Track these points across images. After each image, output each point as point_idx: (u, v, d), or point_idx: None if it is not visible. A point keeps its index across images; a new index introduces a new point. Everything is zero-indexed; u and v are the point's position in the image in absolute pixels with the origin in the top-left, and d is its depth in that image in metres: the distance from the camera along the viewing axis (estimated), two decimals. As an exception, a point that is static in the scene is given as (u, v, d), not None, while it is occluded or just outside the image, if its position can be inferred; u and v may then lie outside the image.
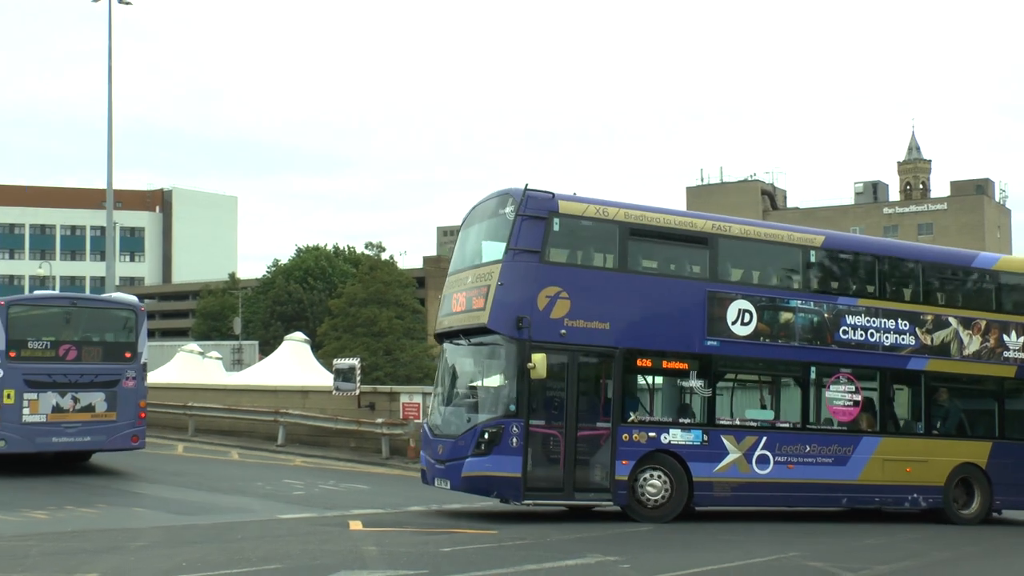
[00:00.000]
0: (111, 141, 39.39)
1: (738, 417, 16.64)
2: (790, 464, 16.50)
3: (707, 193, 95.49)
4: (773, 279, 17.56)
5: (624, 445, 15.40)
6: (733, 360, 16.73)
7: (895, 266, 18.50)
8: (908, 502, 17.46)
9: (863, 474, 17.04)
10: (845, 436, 17.07)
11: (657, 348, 16.10)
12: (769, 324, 16.73)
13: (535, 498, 15.26)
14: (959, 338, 18.06)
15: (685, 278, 16.74)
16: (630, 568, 11.27)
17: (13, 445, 19.22)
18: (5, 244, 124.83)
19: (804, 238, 17.60)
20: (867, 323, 17.39)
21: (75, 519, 14.58)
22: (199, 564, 10.58)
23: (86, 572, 9.89)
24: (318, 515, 15.61)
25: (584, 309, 15.46)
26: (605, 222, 16.03)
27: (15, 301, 21.64)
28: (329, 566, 10.51)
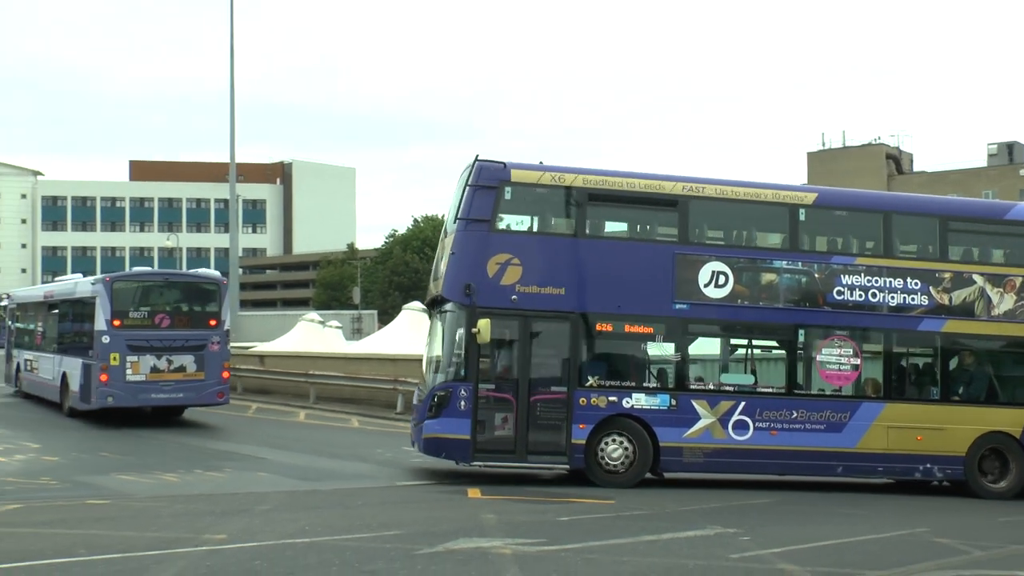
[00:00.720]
0: (233, 116, 40.33)
1: (712, 381, 16.31)
2: (773, 430, 15.96)
3: (829, 158, 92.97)
4: (756, 239, 17.04)
5: (581, 409, 15.51)
6: (706, 323, 16.34)
7: (906, 222, 17.27)
8: (920, 472, 16.35)
9: (863, 442, 16.14)
10: (840, 402, 16.33)
11: (619, 312, 15.96)
12: (748, 286, 16.26)
13: (484, 459, 15.61)
14: (986, 297, 16.68)
15: (651, 241, 16.68)
16: (750, 540, 11.09)
17: (119, 400, 22.24)
18: (136, 218, 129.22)
19: (793, 196, 16.88)
20: (868, 283, 16.46)
21: (203, 482, 15.02)
22: (321, 528, 10.77)
23: (214, 533, 10.15)
24: (436, 482, 15.76)
25: (537, 275, 15.69)
26: (561, 188, 16.19)
27: (118, 277, 24.09)
28: (448, 533, 10.60)
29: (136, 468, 16.07)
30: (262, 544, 9.67)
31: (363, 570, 8.68)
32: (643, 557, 9.83)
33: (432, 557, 9.30)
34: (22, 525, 10.49)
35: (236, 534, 10.17)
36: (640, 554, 9.99)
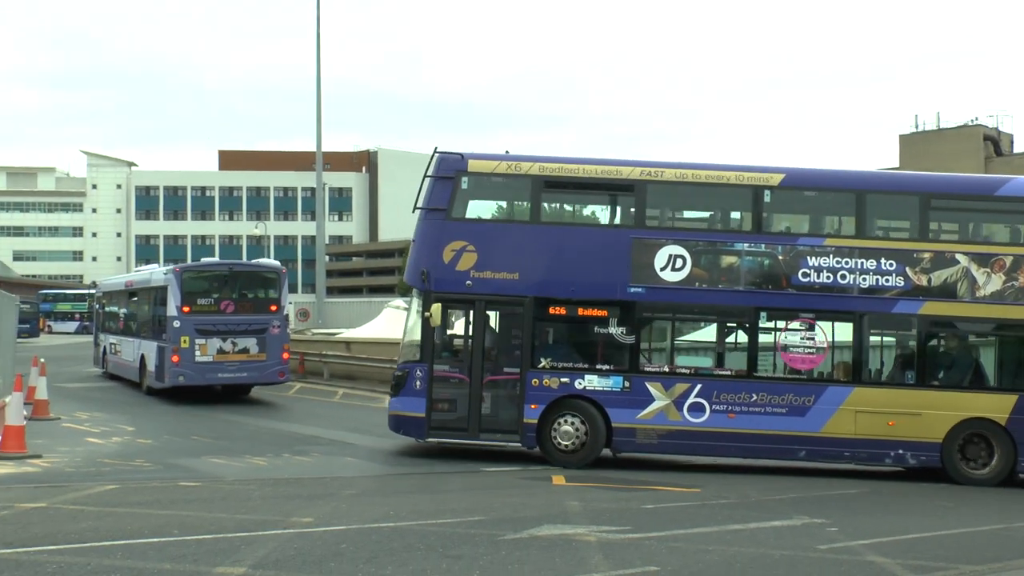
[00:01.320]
0: (320, 106, 40.78)
1: (667, 364, 16.38)
2: (731, 413, 15.91)
3: (922, 141, 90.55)
4: (717, 223, 17.14)
5: (533, 390, 16.00)
6: (661, 306, 16.38)
7: (883, 201, 16.77)
8: (891, 458, 15.91)
9: (828, 426, 15.83)
10: (804, 385, 16.00)
11: (573, 296, 16.26)
12: (707, 269, 16.23)
13: (439, 436, 16.33)
14: (971, 277, 15.85)
15: (607, 227, 17.02)
16: (838, 531, 10.91)
17: (190, 379, 24.18)
18: (224, 206, 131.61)
19: (757, 177, 16.41)
20: (837, 264, 15.99)
21: (291, 466, 15.26)
22: (407, 513, 10.86)
23: (301, 516, 10.30)
24: (521, 468, 15.79)
25: (492, 261, 16.26)
26: (518, 176, 16.61)
27: (186, 268, 26.49)
28: (532, 519, 10.61)
29: (226, 451, 16.39)
30: (348, 528, 9.78)
31: (447, 555, 8.74)
32: (729, 546, 9.74)
33: (516, 543, 9.33)
34: (119, 505, 10.77)
35: (323, 517, 10.31)
36: (726, 543, 9.90)
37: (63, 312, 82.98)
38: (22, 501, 10.73)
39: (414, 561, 8.43)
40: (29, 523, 9.50)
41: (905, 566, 9.16)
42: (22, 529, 9.14)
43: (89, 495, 11.44)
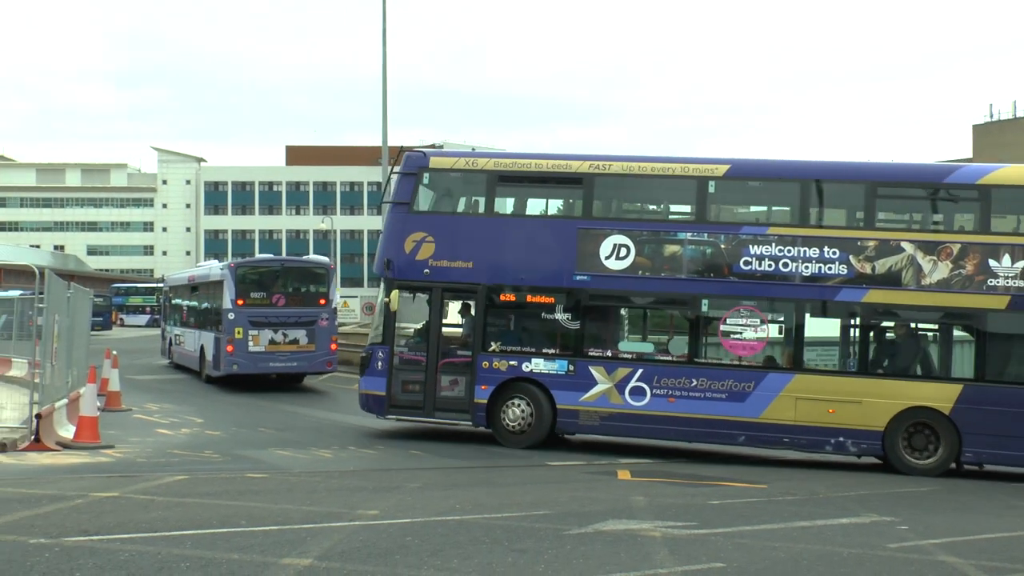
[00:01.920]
0: (385, 101, 40.98)
1: (611, 349, 16.95)
2: (671, 397, 16.39)
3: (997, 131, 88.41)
4: (661, 213, 17.87)
5: (484, 372, 17.02)
6: (605, 294, 16.99)
7: (827, 189, 16.71)
8: (831, 446, 15.96)
9: (768, 412, 16.04)
10: (744, 371, 16.28)
11: (522, 284, 17.19)
12: (651, 258, 16.78)
13: (397, 414, 17.55)
14: (917, 265, 15.79)
15: (555, 217, 17.85)
16: (908, 530, 10.71)
17: (243, 368, 25.80)
18: (292, 201, 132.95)
19: (702, 168, 16.85)
20: (779, 253, 16.21)
21: (356, 459, 15.37)
22: (471, 507, 10.88)
23: (367, 509, 10.35)
24: (586, 463, 15.75)
25: (449, 250, 17.33)
26: (474, 172, 17.71)
27: (240, 264, 28.37)
28: (597, 514, 10.56)
29: (292, 444, 16.56)
30: (414, 521, 9.81)
31: (512, 549, 8.72)
32: (796, 543, 9.60)
33: (581, 538, 9.28)
34: (188, 495, 10.93)
35: (388, 510, 10.35)
36: (793, 540, 9.77)
37: (134, 305, 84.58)
38: (95, 490, 10.92)
39: (479, 554, 8.43)
40: (102, 512, 9.67)
41: (979, 567, 8.96)
42: (96, 518, 9.31)
43: (159, 485, 11.62)
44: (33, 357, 16.74)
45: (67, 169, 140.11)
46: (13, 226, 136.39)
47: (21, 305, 26.95)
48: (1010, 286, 15.44)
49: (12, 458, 13.66)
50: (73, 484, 11.43)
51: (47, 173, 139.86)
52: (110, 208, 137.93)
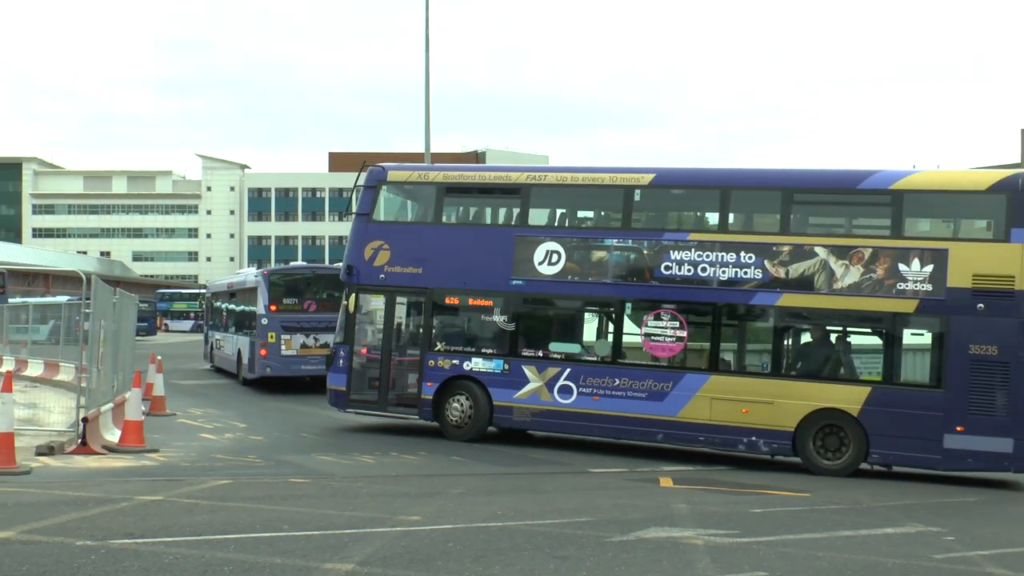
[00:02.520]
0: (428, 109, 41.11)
1: (542, 349, 17.80)
2: (595, 396, 17.18)
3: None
4: (591, 221, 18.73)
5: (430, 370, 18.25)
6: (538, 297, 18.02)
7: (746, 196, 17.38)
8: (743, 445, 16.49)
9: (685, 411, 16.68)
10: (663, 372, 16.95)
11: (465, 287, 18.36)
12: (579, 263, 17.58)
13: (356, 408, 18.99)
14: (829, 269, 16.09)
15: (495, 226, 18.86)
16: (954, 541, 10.56)
17: (276, 370, 26.66)
18: (335, 207, 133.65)
19: (629, 178, 17.71)
20: (698, 258, 16.86)
21: (399, 464, 15.41)
22: (513, 513, 10.87)
23: (409, 515, 10.37)
24: (628, 470, 15.71)
25: (402, 257, 18.60)
26: (425, 184, 19.07)
27: (273, 271, 29.61)
28: (639, 521, 10.52)
29: (334, 449, 16.63)
30: (455, 527, 9.82)
31: (554, 555, 8.70)
32: (839, 553, 9.50)
33: (623, 545, 9.25)
34: (232, 499, 11.01)
35: (430, 516, 10.37)
36: (836, 550, 9.66)
37: (179, 311, 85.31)
38: (140, 494, 11.03)
39: (521, 561, 8.42)
40: (147, 515, 9.76)
41: (1028, 578, 8.82)
42: (141, 521, 9.40)
43: (203, 489, 11.72)
44: (80, 362, 16.95)
45: (113, 176, 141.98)
46: (61, 232, 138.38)
47: (68, 310, 27.37)
48: (919, 290, 15.63)
49: (59, 461, 13.84)
50: (119, 487, 11.55)
51: (94, 180, 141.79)
52: (155, 215, 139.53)
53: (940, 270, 15.48)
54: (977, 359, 15.26)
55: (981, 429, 15.15)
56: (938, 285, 15.48)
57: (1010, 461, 15.22)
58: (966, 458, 15.37)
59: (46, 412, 18.42)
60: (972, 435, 15.21)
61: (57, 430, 16.02)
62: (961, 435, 15.25)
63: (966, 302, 15.34)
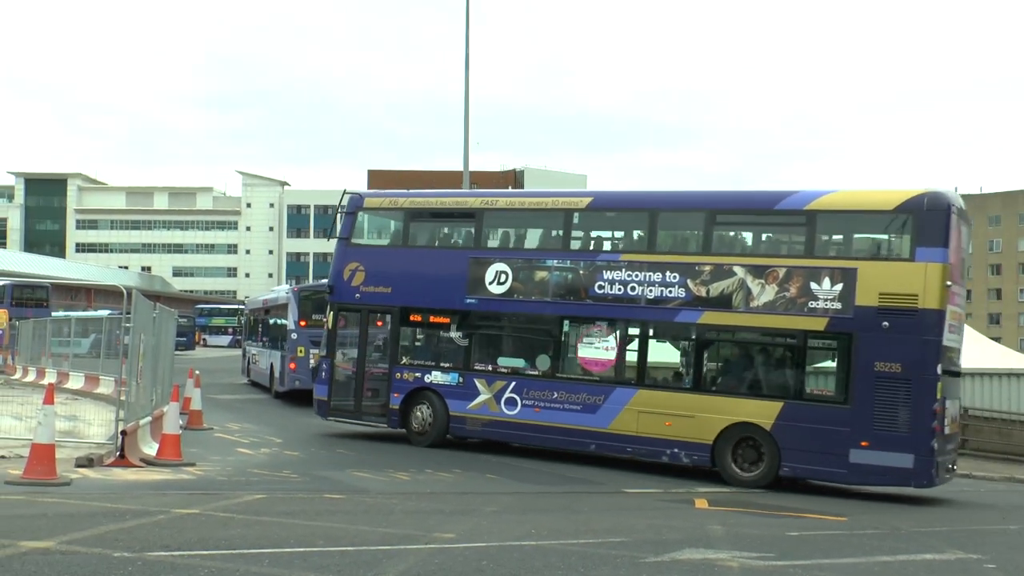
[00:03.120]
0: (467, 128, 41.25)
1: (491, 364, 18.96)
2: (537, 408, 18.21)
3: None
4: (536, 243, 19.53)
5: (397, 382, 19.69)
6: (489, 315, 19.18)
7: (672, 218, 18.38)
8: (667, 456, 17.20)
9: (615, 423, 17.49)
10: (596, 386, 17.81)
11: (426, 306, 19.67)
12: (524, 283, 18.68)
13: (335, 416, 20.56)
14: (747, 288, 16.62)
15: (453, 248, 20.22)
16: (996, 569, 10.39)
17: (304, 384, 26.27)
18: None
19: (569, 201, 19.00)
20: (628, 277, 17.62)
21: (433, 482, 15.42)
22: (547, 532, 10.84)
23: (443, 532, 10.37)
24: (663, 490, 15.63)
25: (374, 278, 20.00)
26: (394, 210, 20.76)
27: (303, 288, 30.28)
28: (674, 543, 10.45)
29: (370, 465, 16.66)
30: (489, 545, 9.81)
31: (588, 575, 8.66)
32: (879, 578, 9.39)
33: (657, 566, 9.19)
34: (267, 514, 11.05)
35: (464, 534, 10.36)
36: (873, 575, 9.55)
37: (217, 326, 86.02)
38: (177, 507, 11.11)
39: (554, 580, 8.38)
40: (184, 528, 9.83)
41: (1070, 607, 8.67)
42: (177, 533, 9.46)
43: (239, 503, 11.78)
44: (120, 375, 17.11)
45: (155, 192, 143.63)
46: (103, 247, 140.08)
47: (109, 324, 27.68)
48: (829, 308, 15.93)
49: (98, 473, 13.96)
50: (156, 500, 11.64)
51: (136, 196, 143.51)
52: (195, 231, 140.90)
53: (849, 289, 15.78)
54: (881, 376, 15.50)
55: (884, 444, 15.40)
56: (847, 303, 15.79)
57: (911, 476, 15.44)
58: (870, 473, 15.71)
59: (86, 425, 18.60)
60: (876, 450, 15.47)
61: (96, 442, 16.16)
62: (866, 450, 15.53)
63: (872, 320, 15.59)
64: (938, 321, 15.38)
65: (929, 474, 15.29)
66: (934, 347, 15.37)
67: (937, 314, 15.38)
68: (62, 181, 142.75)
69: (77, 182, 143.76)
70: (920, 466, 15.23)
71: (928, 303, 15.34)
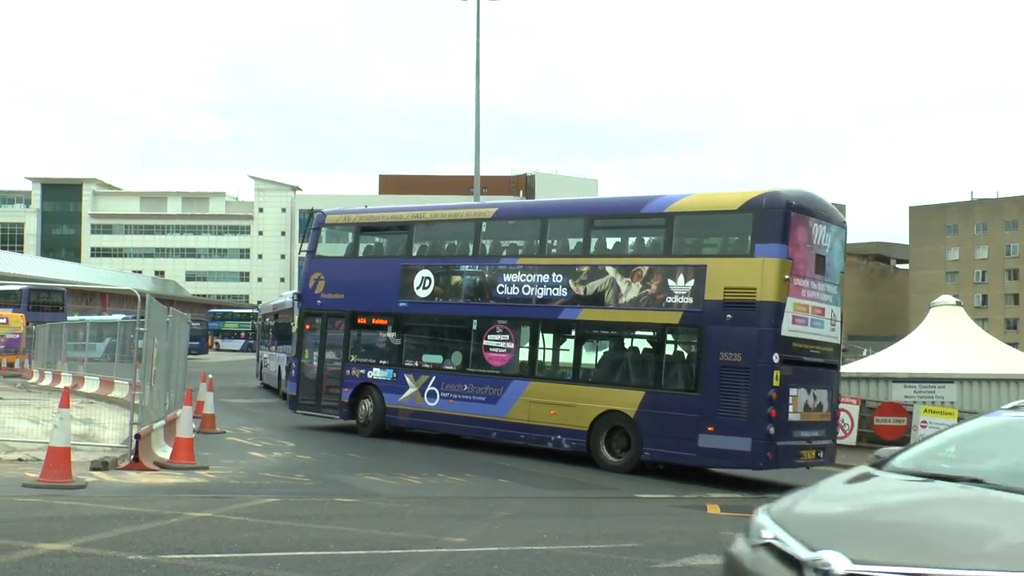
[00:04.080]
0: (478, 133, 41.36)
1: (417, 360, 20.99)
2: (452, 399, 20.19)
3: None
4: (454, 250, 21.08)
5: (348, 378, 21.97)
6: (416, 316, 21.21)
7: (559, 224, 19.95)
8: (551, 443, 18.75)
9: (511, 413, 19.18)
10: (497, 379, 19.57)
11: (370, 309, 21.96)
12: (443, 287, 20.68)
13: (302, 410, 22.94)
14: (616, 286, 18.03)
15: (390, 257, 22.39)
16: None
17: None
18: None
19: (478, 212, 21.45)
20: (523, 279, 19.30)
21: (445, 486, 15.43)
22: (558, 537, 10.84)
23: (454, 536, 10.39)
24: (675, 496, 15.61)
25: (332, 285, 22.53)
26: (348, 225, 23.10)
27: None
28: (686, 548, 10.45)
29: (381, 470, 16.69)
30: (500, 549, 9.81)
31: (599, 580, 8.66)
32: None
33: (669, 572, 9.19)
34: (279, 518, 11.09)
35: (475, 538, 10.38)
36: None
37: (230, 330, 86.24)
38: (190, 510, 11.16)
39: (565, 585, 8.38)
40: (197, 531, 9.87)
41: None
42: (191, 536, 9.51)
43: (251, 507, 11.82)
44: (134, 379, 17.17)
45: (168, 197, 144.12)
46: (118, 252, 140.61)
47: (123, 328, 27.79)
48: (682, 303, 17.15)
49: (113, 476, 14.03)
50: (169, 503, 11.69)
51: (150, 201, 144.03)
52: (208, 235, 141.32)
53: (699, 284, 16.95)
54: (725, 365, 16.54)
55: (727, 429, 16.40)
56: (697, 298, 16.97)
57: (749, 459, 16.37)
58: (716, 456, 16.79)
59: (101, 428, 18.69)
60: (720, 435, 16.48)
61: (111, 446, 16.23)
62: (712, 435, 16.55)
63: (718, 313, 16.70)
64: (775, 313, 16.25)
65: (765, 457, 16.19)
66: (770, 337, 16.21)
67: (774, 306, 16.24)
68: (77, 186, 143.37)
69: (92, 187, 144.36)
70: (757, 449, 16.12)
71: (765, 296, 16.27)
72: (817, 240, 17.11)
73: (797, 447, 16.65)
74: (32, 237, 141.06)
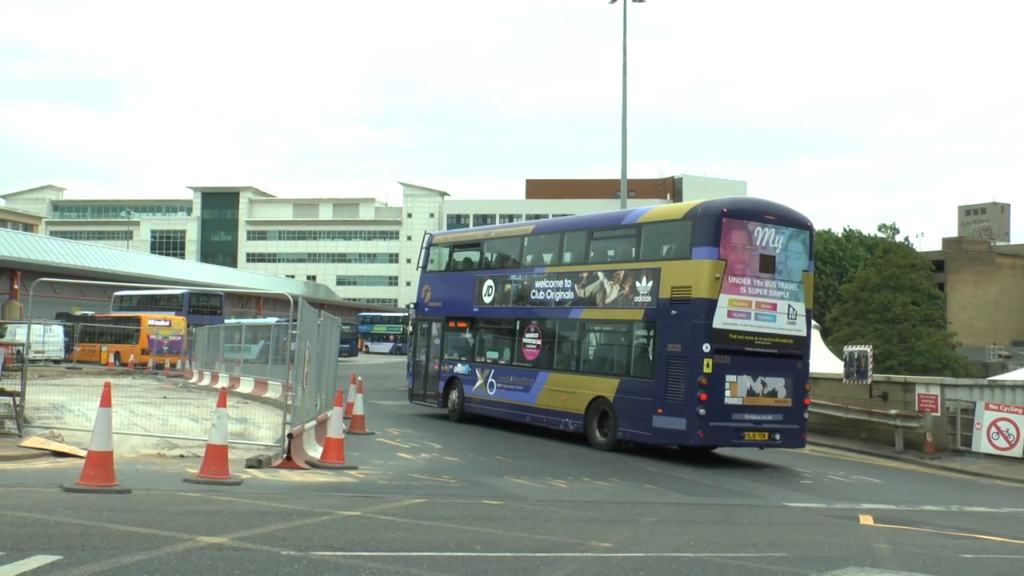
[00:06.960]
0: (625, 136, 41.21)
1: (484, 357, 25.06)
2: (504, 389, 24.07)
3: None
4: (506, 262, 25.26)
5: (442, 373, 26.40)
6: (483, 319, 25.39)
7: (572, 237, 23.26)
8: (562, 425, 22.12)
9: (539, 400, 22.88)
10: (530, 371, 23.30)
11: (455, 315, 26.27)
12: (501, 293, 24.69)
13: (416, 400, 27.72)
14: (604, 289, 21.26)
15: (468, 270, 26.55)
16: None
17: None
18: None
19: (522, 229, 25.35)
20: (547, 285, 23.04)
21: (591, 490, 15.36)
22: (706, 544, 10.65)
23: (600, 541, 10.31)
24: (826, 506, 15.18)
25: (435, 295, 27.24)
26: (445, 243, 28.08)
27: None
28: (837, 559, 10.12)
29: (527, 473, 16.72)
30: (647, 555, 9.69)
31: (748, 590, 8.46)
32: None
33: (821, 583, 8.90)
34: (426, 518, 11.20)
35: (622, 543, 10.28)
36: (1057, 600, 9.02)
37: (379, 333, 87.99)
38: (340, 509, 11.38)
39: (713, 593, 8.21)
40: (347, 529, 10.05)
41: None
42: (341, 534, 9.68)
43: (399, 507, 11.98)
44: (286, 380, 17.65)
45: (320, 204, 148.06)
46: (272, 257, 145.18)
47: (277, 331, 28.61)
48: (644, 302, 20.09)
49: (267, 474, 14.44)
50: (320, 501, 11.95)
51: (302, 208, 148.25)
52: (358, 240, 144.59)
53: (656, 285, 19.82)
54: (671, 355, 19.25)
55: (670, 411, 19.03)
56: (654, 297, 19.84)
57: (683, 437, 18.90)
58: (664, 435, 19.35)
59: (255, 427, 19.27)
60: (666, 416, 19.10)
61: (265, 444, 16.72)
62: (661, 416, 19.23)
63: (667, 309, 19.48)
64: (708, 307, 18.72)
65: (695, 435, 18.53)
66: (703, 329, 18.68)
67: (708, 302, 18.74)
68: (235, 194, 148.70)
69: (248, 195, 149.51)
70: (689, 428, 18.62)
71: (700, 293, 18.84)
72: (761, 242, 19.24)
73: (738, 428, 18.81)
74: (193, 243, 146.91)
